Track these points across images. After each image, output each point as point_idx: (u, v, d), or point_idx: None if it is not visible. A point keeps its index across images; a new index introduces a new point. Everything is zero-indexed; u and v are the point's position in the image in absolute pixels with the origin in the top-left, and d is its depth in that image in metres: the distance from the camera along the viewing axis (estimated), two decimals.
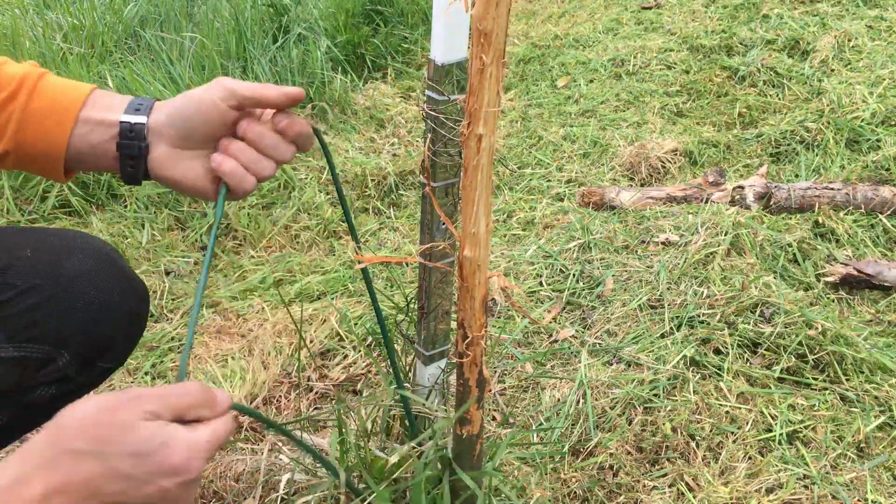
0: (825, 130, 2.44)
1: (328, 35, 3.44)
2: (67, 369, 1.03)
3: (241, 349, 1.82)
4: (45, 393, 1.04)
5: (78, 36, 3.61)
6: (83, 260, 1.03)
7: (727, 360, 1.61)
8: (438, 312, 1.25)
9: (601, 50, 3.34)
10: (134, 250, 2.23)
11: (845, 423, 1.48)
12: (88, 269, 1.03)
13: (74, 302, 1.01)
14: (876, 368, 1.59)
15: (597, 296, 1.89)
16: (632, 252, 2.02)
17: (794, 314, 1.65)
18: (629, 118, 2.82)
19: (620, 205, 2.27)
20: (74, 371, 1.04)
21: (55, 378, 1.03)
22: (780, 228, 2.03)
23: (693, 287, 1.80)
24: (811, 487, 1.36)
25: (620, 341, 1.72)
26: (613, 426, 1.51)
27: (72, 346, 1.02)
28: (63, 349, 1.01)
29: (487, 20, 0.58)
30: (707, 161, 2.54)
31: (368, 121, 3.07)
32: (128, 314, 1.07)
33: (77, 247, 1.04)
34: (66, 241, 1.05)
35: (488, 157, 0.65)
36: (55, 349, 1.01)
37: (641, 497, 1.38)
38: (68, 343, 1.01)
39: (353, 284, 2.07)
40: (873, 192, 2.10)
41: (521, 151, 2.76)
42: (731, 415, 1.50)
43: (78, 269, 1.02)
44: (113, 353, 1.09)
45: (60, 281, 1.00)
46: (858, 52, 2.84)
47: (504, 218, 2.39)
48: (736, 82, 2.90)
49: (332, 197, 2.54)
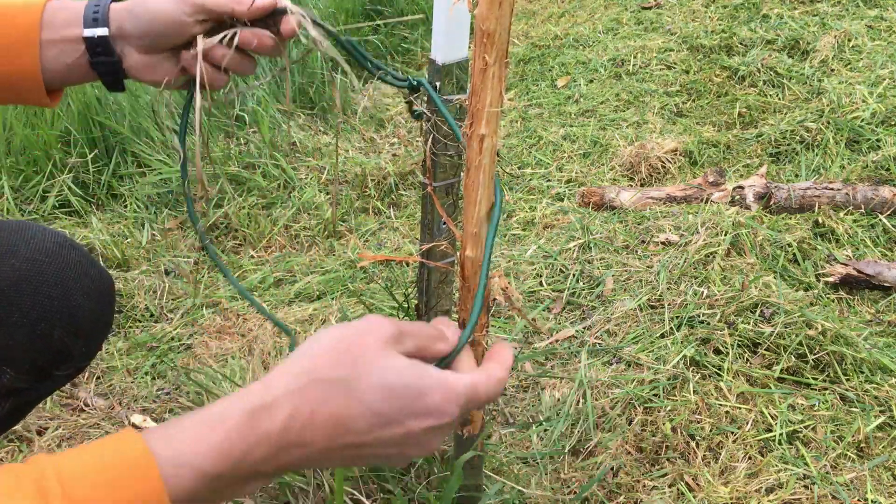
0: (825, 130, 2.45)
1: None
2: (16, 383, 0.93)
3: (241, 349, 1.82)
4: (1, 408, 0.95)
5: None
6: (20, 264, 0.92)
7: (727, 360, 1.61)
8: (439, 312, 1.25)
9: (601, 50, 3.34)
10: (134, 250, 2.23)
11: (845, 423, 1.48)
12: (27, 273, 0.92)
13: (9, 316, 0.90)
14: (876, 368, 1.59)
15: (597, 296, 1.89)
16: (632, 252, 2.02)
17: (794, 314, 1.66)
18: (629, 118, 2.82)
19: (620, 205, 2.27)
20: (27, 383, 0.95)
21: (4, 393, 0.94)
22: (780, 228, 2.03)
23: (693, 287, 1.80)
24: (811, 487, 1.36)
25: (620, 341, 1.72)
26: (613, 426, 1.51)
27: (15, 362, 0.92)
28: (6, 365, 0.91)
29: (490, 20, 0.58)
30: (707, 161, 2.54)
31: (368, 121, 3.07)
32: (78, 319, 0.96)
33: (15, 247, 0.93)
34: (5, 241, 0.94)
35: (490, 158, 0.65)
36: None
37: (641, 497, 1.39)
38: (10, 359, 0.91)
39: (352, 284, 2.07)
40: (873, 192, 2.11)
41: (521, 151, 2.76)
42: (731, 415, 1.51)
43: (12, 276, 0.91)
44: (70, 361, 0.99)
45: None
46: (858, 52, 2.84)
47: (504, 218, 2.39)
48: (736, 82, 2.90)
49: (332, 196, 2.54)
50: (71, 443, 1.58)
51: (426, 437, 0.61)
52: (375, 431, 0.58)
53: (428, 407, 0.59)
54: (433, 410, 0.59)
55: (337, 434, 0.58)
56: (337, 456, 0.59)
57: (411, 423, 0.59)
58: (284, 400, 0.57)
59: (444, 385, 0.60)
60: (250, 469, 0.57)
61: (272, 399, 0.57)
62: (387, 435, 0.59)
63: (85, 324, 0.97)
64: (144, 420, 1.61)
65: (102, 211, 2.44)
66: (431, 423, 0.60)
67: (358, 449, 0.59)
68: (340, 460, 0.60)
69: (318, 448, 0.58)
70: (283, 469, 0.59)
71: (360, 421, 0.58)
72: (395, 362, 0.59)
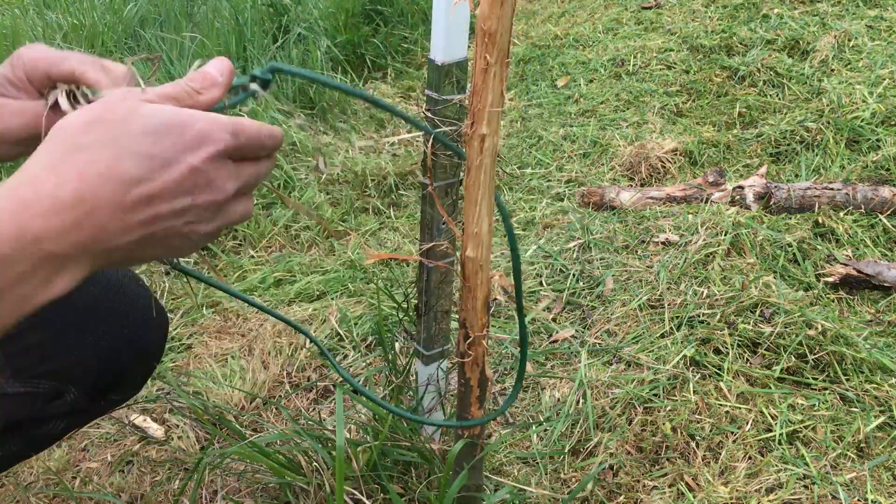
0: (825, 130, 2.45)
1: (328, 35, 3.44)
2: (77, 403, 0.99)
3: (241, 349, 1.82)
4: (56, 426, 1.01)
5: (78, 36, 3.61)
6: (94, 292, 0.97)
7: (727, 360, 1.61)
8: (438, 312, 1.25)
9: (601, 50, 3.34)
10: None
11: (845, 423, 1.48)
12: (99, 302, 0.97)
13: (83, 338, 0.96)
14: (876, 368, 1.59)
15: (597, 296, 1.89)
16: (632, 252, 2.02)
17: (794, 314, 1.66)
18: (629, 118, 2.82)
19: (620, 205, 2.27)
20: (85, 404, 1.00)
21: (64, 411, 0.99)
22: (780, 228, 2.03)
23: (693, 287, 1.80)
24: (811, 487, 1.36)
25: (620, 341, 1.72)
26: (613, 426, 1.51)
27: (81, 382, 0.97)
28: (72, 384, 0.97)
29: (492, 20, 0.58)
30: (707, 161, 2.54)
31: (368, 121, 3.07)
32: (142, 349, 1.02)
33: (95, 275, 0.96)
34: None
35: (491, 157, 0.65)
36: (63, 384, 0.96)
37: (641, 497, 1.39)
38: (77, 379, 0.97)
39: (352, 284, 2.07)
40: (873, 192, 2.11)
41: (521, 151, 2.76)
42: (731, 415, 1.51)
43: (88, 303, 0.96)
44: (125, 387, 1.05)
45: (69, 316, 0.95)
46: (858, 52, 2.84)
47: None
48: (736, 82, 2.90)
49: (332, 197, 2.54)
50: (70, 441, 1.58)
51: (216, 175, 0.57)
52: (158, 176, 0.54)
53: (199, 134, 0.56)
54: (205, 136, 0.56)
55: (117, 191, 0.53)
56: (133, 222, 0.55)
57: (190, 158, 0.55)
58: (45, 173, 0.53)
59: (208, 114, 0.58)
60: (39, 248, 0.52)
61: (30, 176, 0.53)
62: (172, 179, 0.55)
63: (144, 354, 1.02)
64: (145, 420, 1.61)
65: None
66: (209, 153, 0.56)
67: (152, 205, 0.55)
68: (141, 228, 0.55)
69: (106, 213, 0.53)
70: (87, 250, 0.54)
71: (136, 169, 0.54)
72: (153, 108, 0.56)
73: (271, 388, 1.70)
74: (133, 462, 1.51)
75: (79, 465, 1.52)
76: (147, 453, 1.53)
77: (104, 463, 1.51)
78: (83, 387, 0.98)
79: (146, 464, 1.50)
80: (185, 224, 0.58)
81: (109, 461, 1.49)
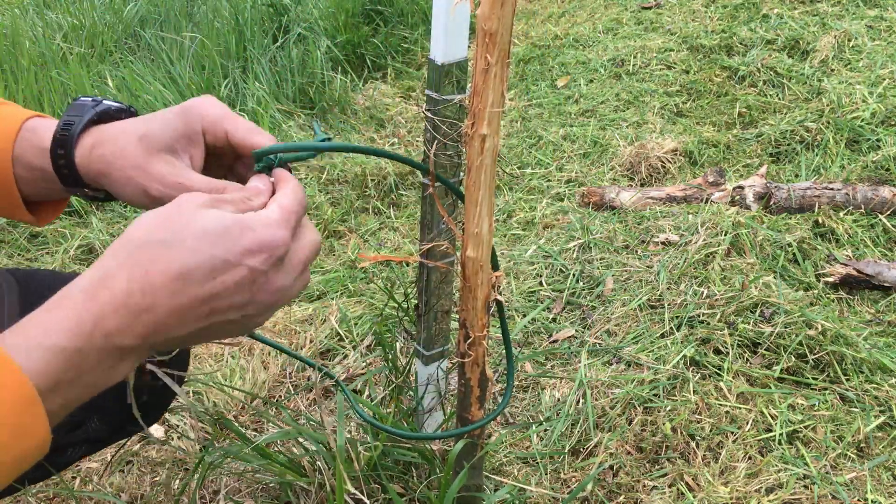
0: (825, 130, 2.45)
1: (328, 35, 3.45)
2: (98, 432, 1.01)
3: (241, 349, 1.82)
4: (74, 454, 1.02)
5: (78, 36, 3.61)
6: None
7: (727, 360, 1.61)
8: (438, 312, 1.25)
9: (601, 50, 3.34)
10: None
11: (845, 423, 1.48)
12: None
13: None
14: (876, 368, 1.59)
15: (597, 296, 1.89)
16: (632, 252, 2.02)
17: (794, 314, 1.66)
18: (629, 118, 2.82)
19: (620, 205, 2.27)
20: (105, 433, 1.02)
21: (84, 439, 1.01)
22: (780, 228, 2.03)
23: (693, 287, 1.80)
24: (811, 487, 1.36)
25: (620, 341, 1.72)
26: (613, 426, 1.51)
27: (103, 411, 0.99)
28: (93, 414, 0.99)
29: (492, 20, 0.58)
30: (707, 161, 2.54)
31: (368, 121, 3.07)
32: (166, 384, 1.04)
33: None
34: None
35: (492, 158, 0.65)
36: (85, 413, 0.97)
37: (641, 497, 1.39)
38: (99, 409, 0.98)
39: (353, 284, 2.07)
40: (873, 192, 2.11)
41: (521, 151, 2.76)
42: (731, 415, 1.51)
43: None
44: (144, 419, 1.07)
45: None
46: (858, 52, 2.84)
47: (504, 218, 2.39)
48: (736, 82, 2.90)
49: (332, 197, 2.54)
50: None
51: (276, 276, 0.62)
52: (218, 277, 0.59)
53: (257, 239, 0.60)
54: (264, 242, 0.60)
55: (178, 290, 0.58)
56: (192, 317, 0.59)
57: (250, 262, 0.60)
58: (117, 270, 0.58)
59: (261, 217, 0.62)
60: (109, 342, 0.57)
61: (104, 272, 0.58)
62: (231, 280, 0.59)
63: (166, 389, 1.03)
64: None
65: (103, 211, 2.44)
66: (269, 256, 0.60)
67: (210, 303, 0.59)
68: (199, 321, 0.60)
69: (166, 309, 0.58)
70: (147, 340, 0.58)
71: (197, 271, 0.58)
72: (212, 213, 0.61)
73: (271, 388, 1.70)
74: (133, 462, 1.51)
75: (78, 464, 1.52)
76: (147, 453, 1.53)
77: (104, 463, 1.51)
78: (105, 416, 0.99)
79: (146, 464, 1.50)
80: (243, 317, 0.62)
81: (109, 461, 1.49)
